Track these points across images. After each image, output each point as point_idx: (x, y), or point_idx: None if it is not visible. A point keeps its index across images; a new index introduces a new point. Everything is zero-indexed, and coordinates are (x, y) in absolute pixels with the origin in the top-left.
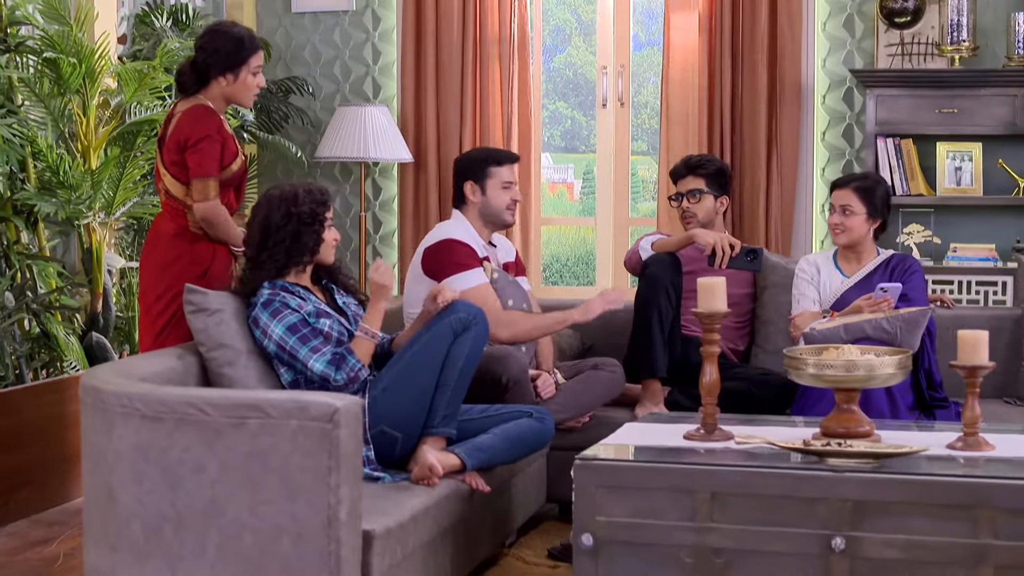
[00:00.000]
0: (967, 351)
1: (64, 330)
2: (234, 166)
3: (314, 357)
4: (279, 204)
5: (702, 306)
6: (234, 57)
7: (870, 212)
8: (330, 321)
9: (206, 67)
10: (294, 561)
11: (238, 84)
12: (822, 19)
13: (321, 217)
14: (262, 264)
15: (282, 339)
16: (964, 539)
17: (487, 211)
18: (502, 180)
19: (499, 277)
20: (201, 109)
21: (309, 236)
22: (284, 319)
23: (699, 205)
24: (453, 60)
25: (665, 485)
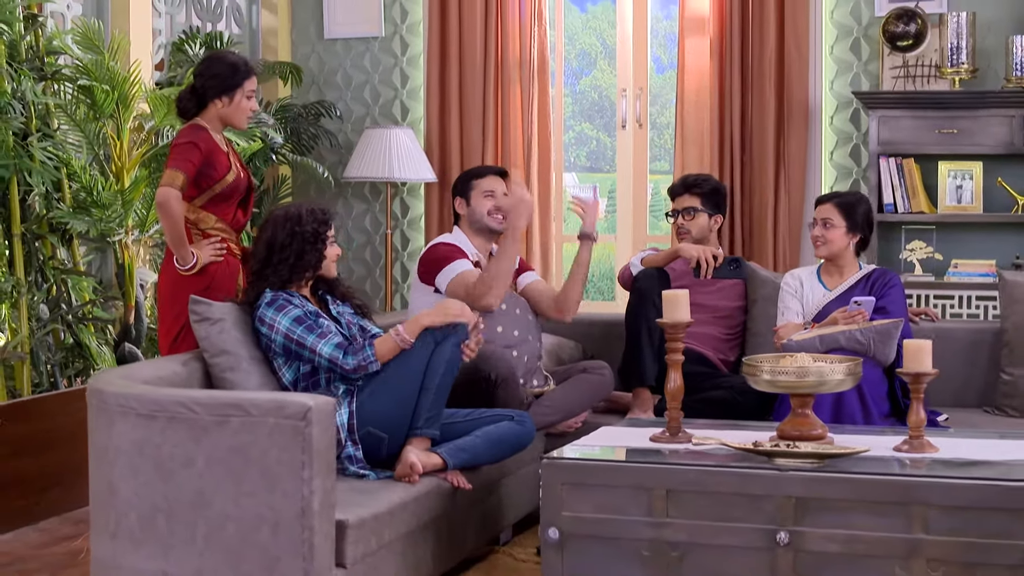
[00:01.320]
0: (911, 359)
1: (96, 340)
2: (228, 178)
3: (322, 342)
4: (284, 224)
5: (666, 317)
6: (229, 81)
7: (850, 227)
8: (328, 323)
9: (203, 91)
10: (272, 548)
11: (233, 107)
12: (829, 43)
13: (323, 236)
14: (266, 278)
15: (289, 329)
16: (898, 534)
17: (473, 219)
18: (483, 189)
19: None
20: (192, 125)
21: (312, 254)
22: (289, 312)
23: (693, 222)
24: (476, 84)
25: (625, 483)
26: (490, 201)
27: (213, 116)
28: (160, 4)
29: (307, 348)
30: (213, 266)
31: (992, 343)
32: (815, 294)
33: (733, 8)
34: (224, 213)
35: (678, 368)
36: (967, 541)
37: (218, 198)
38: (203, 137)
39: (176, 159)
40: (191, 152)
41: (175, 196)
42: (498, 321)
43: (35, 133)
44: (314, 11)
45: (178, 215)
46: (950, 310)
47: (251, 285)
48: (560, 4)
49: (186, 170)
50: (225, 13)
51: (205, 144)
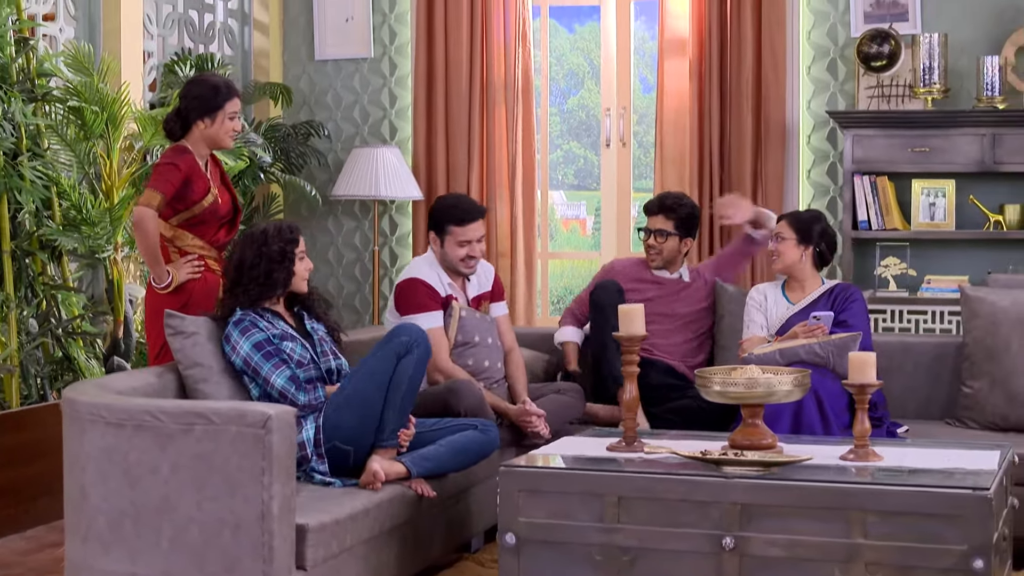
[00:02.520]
0: (856, 371)
1: (85, 354)
2: (204, 202)
3: (276, 373)
4: (251, 244)
5: (622, 330)
6: (211, 103)
7: (800, 239)
8: (293, 344)
9: (187, 113)
10: (233, 550)
11: (215, 127)
12: (807, 63)
13: (291, 254)
14: (237, 296)
15: (248, 355)
16: (838, 538)
17: (444, 261)
18: (458, 239)
19: (466, 315)
20: (177, 147)
21: (280, 272)
22: (252, 337)
23: (664, 244)
24: (461, 104)
25: (578, 490)
26: (463, 250)
27: (197, 137)
28: (152, 27)
29: (261, 376)
30: (191, 283)
31: (955, 357)
32: (778, 308)
33: (712, 30)
34: (203, 233)
35: (634, 380)
36: (903, 546)
37: (195, 220)
38: (185, 160)
39: (156, 179)
40: (171, 173)
41: (150, 215)
42: (470, 353)
43: (25, 153)
44: (305, 33)
45: (152, 234)
46: (923, 325)
47: (223, 303)
48: (545, 25)
49: (164, 190)
50: (217, 35)
51: (186, 166)
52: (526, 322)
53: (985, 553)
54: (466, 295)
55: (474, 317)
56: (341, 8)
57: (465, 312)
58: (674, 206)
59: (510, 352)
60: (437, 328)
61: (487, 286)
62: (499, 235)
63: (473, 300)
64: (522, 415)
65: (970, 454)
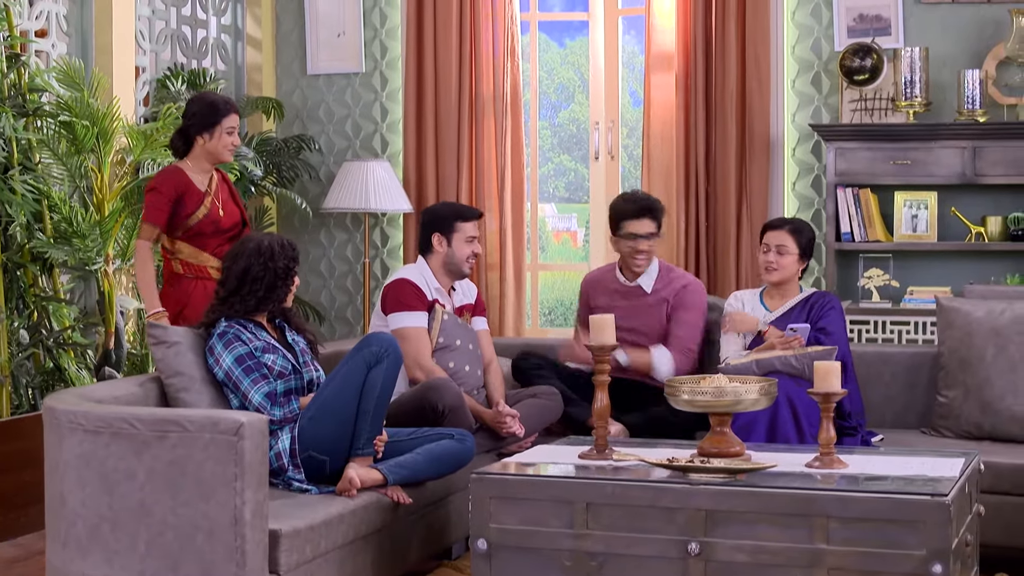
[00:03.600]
0: (821, 380)
1: (76, 365)
2: (198, 214)
3: (254, 388)
4: (257, 257)
5: (593, 340)
6: (209, 118)
7: (801, 254)
8: (275, 356)
9: (188, 129)
10: (207, 554)
11: (214, 142)
12: (791, 77)
13: (294, 272)
14: (232, 305)
15: (230, 369)
16: (801, 544)
17: (450, 261)
18: (466, 235)
19: (448, 319)
20: (165, 170)
21: (282, 288)
22: (234, 350)
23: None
24: (451, 117)
25: (547, 496)
26: (470, 247)
27: (199, 152)
28: (145, 42)
29: (240, 391)
30: (188, 285)
31: (931, 367)
32: (756, 316)
33: (697, 45)
34: (203, 245)
35: (604, 389)
36: (865, 551)
37: (191, 232)
38: (168, 181)
39: (146, 212)
40: (157, 201)
41: (145, 248)
42: (451, 357)
43: (16, 167)
44: (297, 48)
45: (145, 267)
46: (906, 336)
47: (212, 310)
48: (535, 39)
49: (156, 220)
50: (210, 50)
51: (169, 188)
52: (515, 333)
53: (944, 558)
54: (452, 303)
55: (456, 322)
56: (333, 24)
57: (448, 316)
58: (658, 205)
59: (489, 364)
60: (421, 327)
61: (470, 299)
62: (488, 247)
63: (456, 309)
64: (496, 417)
65: (934, 461)
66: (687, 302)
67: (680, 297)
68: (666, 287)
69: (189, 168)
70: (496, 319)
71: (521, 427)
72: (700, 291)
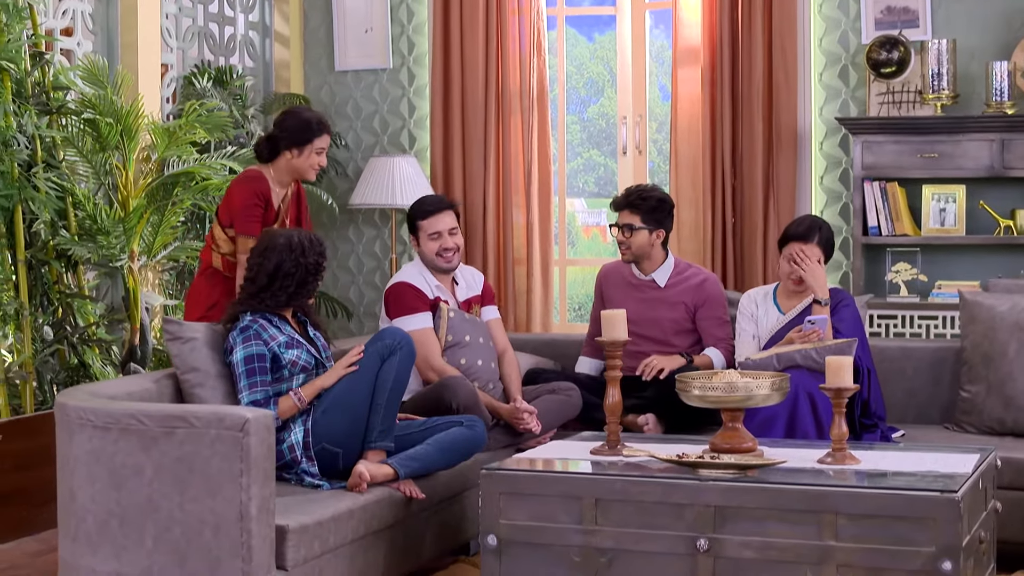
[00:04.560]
0: (832, 375)
1: (101, 361)
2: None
3: (247, 392)
4: (289, 253)
5: (605, 335)
6: (301, 136)
7: (826, 258)
8: (299, 351)
9: (277, 141)
10: (214, 550)
11: (302, 159)
12: (818, 70)
13: (323, 268)
14: (263, 300)
15: (236, 364)
16: (810, 540)
17: (424, 259)
18: (428, 232)
19: (455, 316)
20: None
21: (312, 284)
22: (248, 348)
23: (632, 239)
24: (477, 113)
25: (556, 492)
26: (436, 243)
27: (283, 165)
28: (172, 40)
29: (237, 388)
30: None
31: (954, 361)
32: (769, 318)
33: (723, 38)
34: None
35: (616, 384)
36: (873, 548)
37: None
38: (256, 190)
39: (242, 224)
40: (254, 211)
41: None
42: (462, 353)
43: (39, 164)
44: (325, 45)
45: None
46: (935, 330)
47: (240, 303)
48: (562, 34)
49: (254, 232)
50: (238, 47)
51: (260, 196)
52: (542, 328)
53: (953, 555)
54: (455, 298)
55: (463, 318)
56: (361, 20)
57: (454, 313)
58: (638, 200)
59: (503, 353)
60: (427, 328)
61: (476, 290)
62: (515, 242)
63: (463, 303)
64: (514, 413)
65: (949, 457)
66: (712, 298)
67: (702, 296)
68: (681, 283)
69: (270, 177)
70: (523, 314)
71: (538, 424)
72: (718, 283)
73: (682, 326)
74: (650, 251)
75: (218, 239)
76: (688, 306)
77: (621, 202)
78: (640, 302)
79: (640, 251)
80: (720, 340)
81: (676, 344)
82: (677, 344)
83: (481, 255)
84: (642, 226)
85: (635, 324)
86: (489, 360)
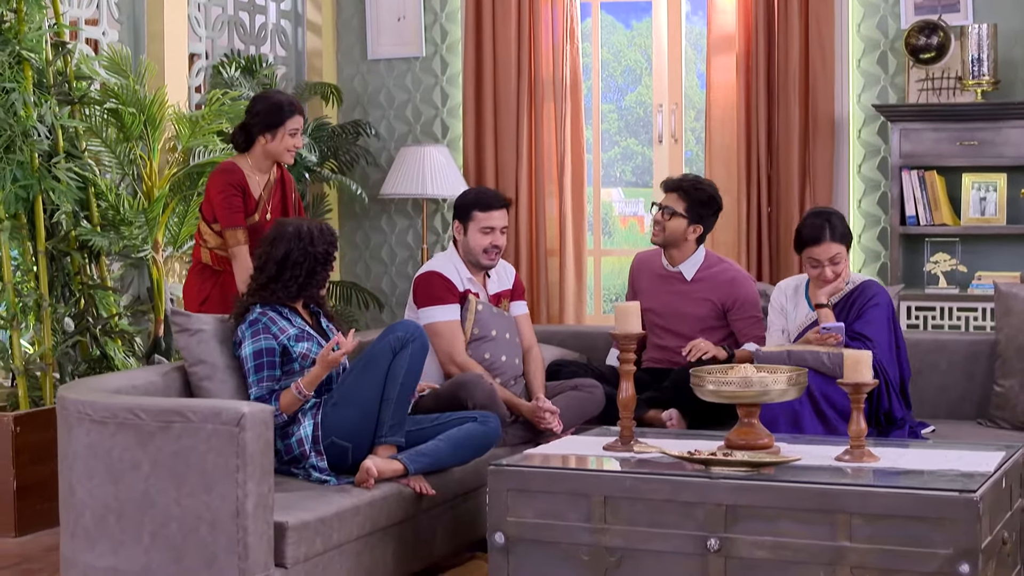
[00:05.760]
0: (851, 370)
1: (124, 353)
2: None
3: (255, 387)
4: (297, 242)
5: (618, 328)
6: (273, 118)
7: (848, 251)
8: (309, 344)
9: (251, 127)
10: (210, 546)
11: (275, 142)
12: (856, 56)
13: (332, 257)
14: (273, 292)
15: (245, 358)
16: (823, 541)
17: (467, 250)
18: (481, 225)
19: (483, 309)
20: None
21: (321, 274)
22: (257, 342)
23: (669, 222)
24: (510, 101)
25: (564, 489)
26: (487, 238)
27: (259, 151)
28: (200, 29)
29: (247, 383)
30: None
31: (989, 355)
32: (799, 313)
33: (759, 24)
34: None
35: (630, 378)
36: (888, 549)
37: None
38: (232, 182)
39: (225, 217)
40: (232, 201)
41: (242, 252)
42: (486, 348)
43: (60, 154)
44: (358, 33)
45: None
46: (974, 322)
47: (249, 295)
48: (596, 21)
49: (239, 223)
50: (269, 36)
51: (235, 188)
52: (576, 320)
53: (971, 558)
54: (486, 291)
55: (491, 312)
56: (393, 8)
57: (483, 306)
58: (690, 188)
59: (529, 350)
60: (453, 321)
61: (508, 284)
62: (548, 233)
63: (492, 297)
64: (535, 412)
65: (973, 455)
66: (743, 300)
67: (732, 296)
68: (709, 278)
69: (247, 166)
70: (556, 306)
71: (560, 424)
72: (749, 281)
73: (707, 323)
74: (682, 241)
75: (204, 234)
76: (715, 304)
77: (673, 184)
78: (669, 294)
79: (672, 237)
80: (759, 338)
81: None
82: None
83: (514, 245)
84: (683, 214)
85: (662, 317)
86: (513, 356)
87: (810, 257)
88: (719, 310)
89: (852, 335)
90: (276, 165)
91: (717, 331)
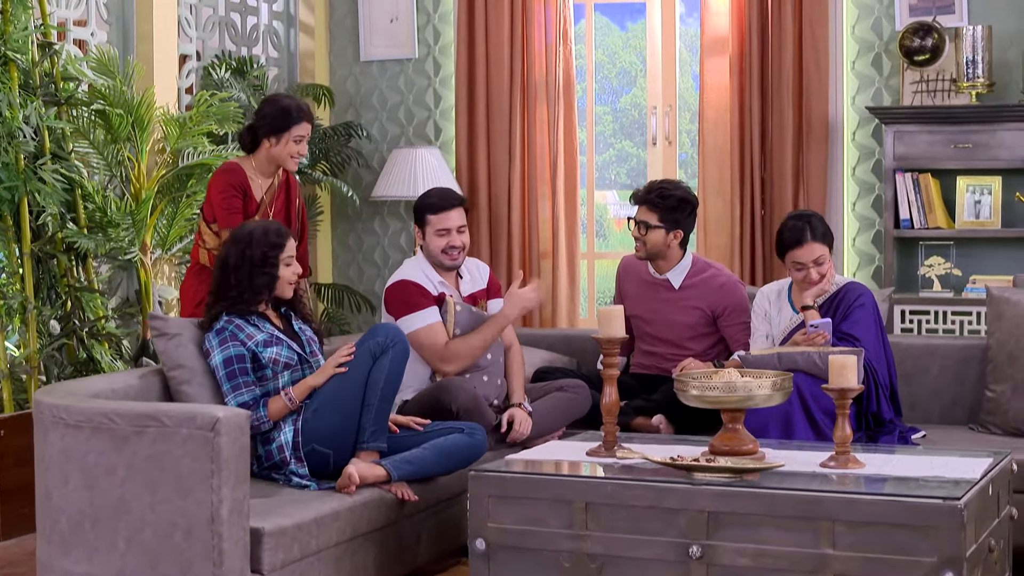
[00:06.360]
0: (836, 375)
1: (111, 356)
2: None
3: (233, 395)
4: (235, 245)
5: (602, 332)
6: (279, 123)
7: (830, 252)
8: (278, 348)
9: (257, 129)
10: (186, 552)
11: (280, 147)
12: (850, 58)
13: (273, 259)
14: (228, 298)
15: (216, 368)
16: (807, 548)
17: (428, 254)
18: (436, 228)
19: (461, 310)
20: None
21: (262, 277)
22: (226, 350)
23: (647, 237)
24: (503, 103)
25: (546, 496)
26: (444, 240)
27: (263, 154)
28: (191, 30)
29: (222, 392)
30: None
31: (981, 359)
32: (783, 317)
33: (753, 26)
34: None
35: (613, 383)
36: (872, 557)
37: None
38: (234, 183)
39: (224, 217)
40: (232, 203)
41: None
42: None
43: (47, 156)
44: (351, 34)
45: None
46: (968, 327)
47: (209, 305)
48: (590, 23)
49: (237, 223)
50: (261, 37)
51: (236, 189)
52: (568, 323)
53: (956, 566)
54: (460, 293)
55: (470, 312)
56: (386, 9)
57: (460, 307)
58: (656, 198)
59: (508, 348)
60: (435, 323)
61: (482, 284)
62: (541, 235)
63: (467, 298)
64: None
65: (960, 462)
66: (733, 306)
67: (722, 303)
68: (698, 285)
69: (251, 168)
70: (549, 309)
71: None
72: (739, 286)
73: (697, 331)
74: (666, 251)
75: (204, 235)
76: (705, 311)
77: (640, 197)
78: (657, 302)
79: (655, 250)
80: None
81: (691, 348)
82: (692, 348)
83: (506, 248)
84: (659, 225)
85: (650, 324)
86: (497, 355)
87: (794, 261)
88: (709, 317)
89: (839, 336)
90: (282, 169)
91: (707, 338)
